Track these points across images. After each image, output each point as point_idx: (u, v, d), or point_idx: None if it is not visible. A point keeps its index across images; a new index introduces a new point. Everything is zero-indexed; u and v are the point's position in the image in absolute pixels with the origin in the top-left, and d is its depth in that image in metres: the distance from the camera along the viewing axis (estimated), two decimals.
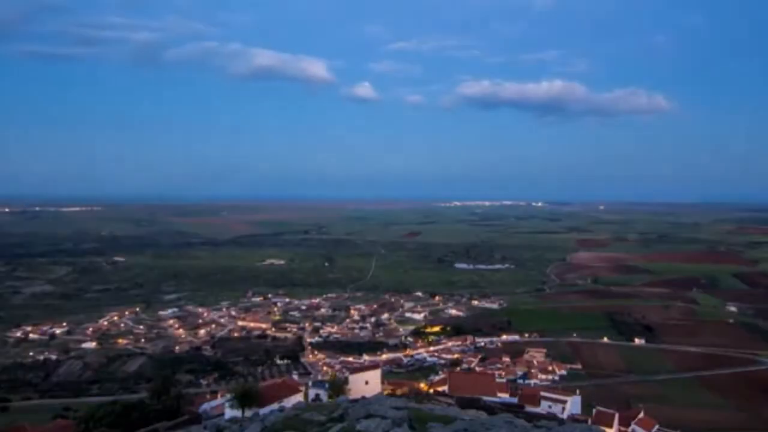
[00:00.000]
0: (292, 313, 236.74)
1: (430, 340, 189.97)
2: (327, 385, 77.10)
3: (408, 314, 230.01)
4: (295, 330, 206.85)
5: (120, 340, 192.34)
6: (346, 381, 76.12)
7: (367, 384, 77.81)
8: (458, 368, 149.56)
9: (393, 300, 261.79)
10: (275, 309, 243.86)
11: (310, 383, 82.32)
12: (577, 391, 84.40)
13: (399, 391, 79.03)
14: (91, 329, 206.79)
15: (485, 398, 63.03)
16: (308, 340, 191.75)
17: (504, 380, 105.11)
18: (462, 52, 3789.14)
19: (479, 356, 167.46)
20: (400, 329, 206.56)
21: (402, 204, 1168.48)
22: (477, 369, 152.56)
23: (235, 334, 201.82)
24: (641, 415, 76.24)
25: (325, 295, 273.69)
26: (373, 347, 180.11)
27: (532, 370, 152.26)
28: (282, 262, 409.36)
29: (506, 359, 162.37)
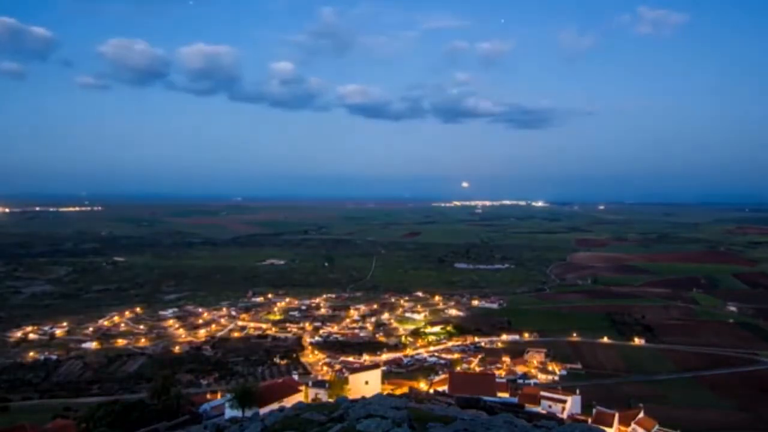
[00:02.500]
0: (292, 313, 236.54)
1: (430, 340, 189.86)
2: (327, 385, 77.11)
3: (408, 314, 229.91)
4: (295, 330, 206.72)
5: (120, 340, 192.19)
6: (346, 381, 76.23)
7: (367, 384, 77.83)
8: (458, 368, 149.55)
9: (393, 300, 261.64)
10: (275, 309, 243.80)
11: (310, 383, 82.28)
12: (577, 391, 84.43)
13: (399, 391, 79.11)
14: (91, 329, 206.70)
15: (485, 398, 63.04)
16: (308, 340, 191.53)
17: (504, 380, 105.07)
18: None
19: (479, 356, 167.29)
20: (400, 329, 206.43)
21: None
22: (477, 369, 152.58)
23: (235, 334, 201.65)
24: (641, 415, 76.24)
25: (325, 295, 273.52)
26: (373, 347, 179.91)
27: (532, 370, 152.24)
28: (282, 262, 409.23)
29: (506, 359, 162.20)
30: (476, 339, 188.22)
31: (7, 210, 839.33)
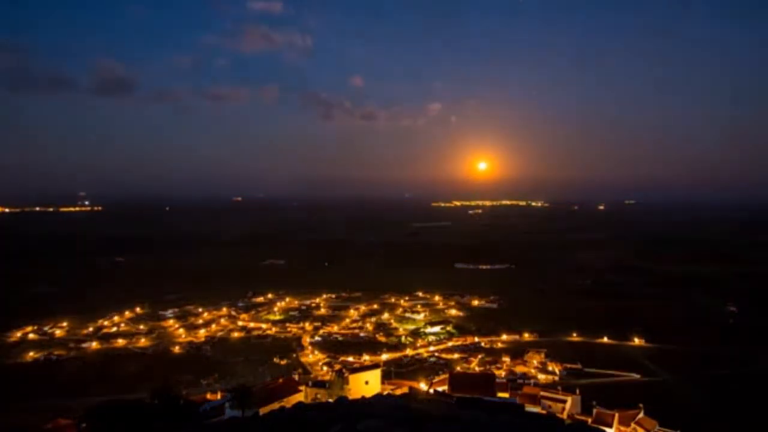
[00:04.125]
0: (292, 313, 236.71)
1: (430, 340, 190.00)
2: (327, 385, 77.22)
3: (408, 314, 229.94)
4: (295, 330, 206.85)
5: (120, 340, 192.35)
6: (346, 381, 76.37)
7: (367, 384, 78.01)
8: (458, 368, 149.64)
9: (393, 300, 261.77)
10: (275, 309, 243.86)
11: (310, 383, 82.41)
12: (577, 391, 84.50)
13: (399, 391, 79.14)
14: (91, 329, 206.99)
15: (485, 398, 63.01)
16: (308, 340, 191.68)
17: (504, 380, 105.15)
18: None
19: (479, 356, 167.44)
20: (400, 329, 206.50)
21: None
22: (477, 369, 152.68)
23: (235, 334, 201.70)
24: (641, 415, 76.32)
25: (325, 295, 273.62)
26: (373, 347, 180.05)
27: (532, 370, 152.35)
28: (282, 262, 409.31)
29: (506, 359, 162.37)
30: (476, 339, 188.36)
31: (7, 210, 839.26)
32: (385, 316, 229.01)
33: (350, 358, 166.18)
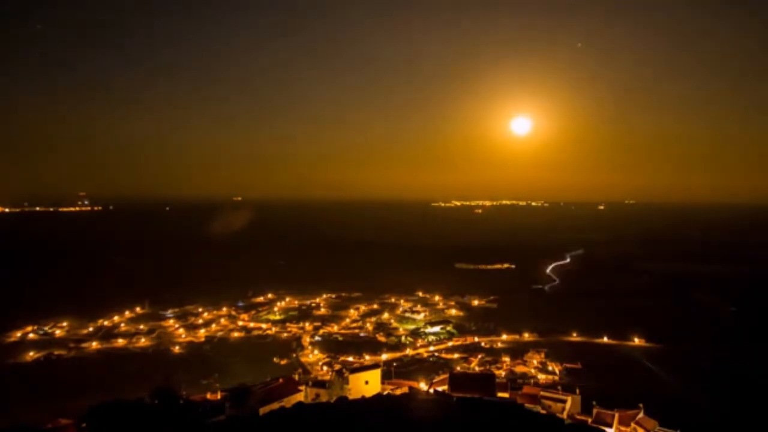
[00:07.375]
0: (292, 313, 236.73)
1: (430, 340, 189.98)
2: (327, 385, 77.29)
3: (408, 314, 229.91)
4: (295, 330, 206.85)
5: (120, 340, 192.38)
6: (346, 381, 76.44)
7: (367, 384, 78.15)
8: (458, 368, 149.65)
9: (393, 300, 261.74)
10: (275, 309, 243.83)
11: (310, 383, 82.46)
12: (577, 391, 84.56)
13: (399, 391, 79.16)
14: (91, 329, 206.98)
15: (485, 398, 63.04)
16: (308, 339, 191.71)
17: (504, 380, 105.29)
18: None
19: (479, 356, 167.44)
20: (400, 329, 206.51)
21: None
22: (477, 369, 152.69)
23: (235, 334, 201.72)
24: (641, 415, 76.38)
25: (325, 295, 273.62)
26: (373, 347, 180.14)
27: (532, 370, 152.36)
28: (282, 262, 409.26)
29: (506, 359, 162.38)
30: (476, 339, 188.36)
31: (6, 210, 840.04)
32: (385, 316, 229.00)
33: (350, 358, 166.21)
